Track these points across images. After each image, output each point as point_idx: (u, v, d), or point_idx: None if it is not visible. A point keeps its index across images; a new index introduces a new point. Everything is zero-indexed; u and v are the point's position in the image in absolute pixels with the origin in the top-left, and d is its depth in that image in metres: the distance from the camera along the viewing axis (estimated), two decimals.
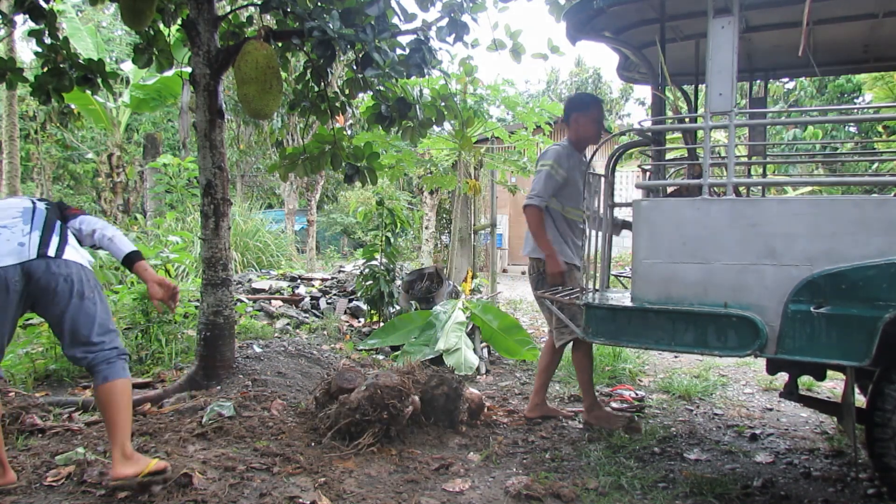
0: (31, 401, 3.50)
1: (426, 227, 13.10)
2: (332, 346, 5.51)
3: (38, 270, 2.40)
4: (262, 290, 7.37)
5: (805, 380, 4.12)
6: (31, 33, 4.17)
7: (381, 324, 6.15)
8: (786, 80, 15.12)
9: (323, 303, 7.04)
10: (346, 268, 9.38)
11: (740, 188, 3.40)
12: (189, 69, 3.89)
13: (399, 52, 3.82)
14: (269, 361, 4.24)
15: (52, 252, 2.46)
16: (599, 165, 3.88)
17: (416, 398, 3.20)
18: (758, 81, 4.19)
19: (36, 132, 14.76)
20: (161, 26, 4.31)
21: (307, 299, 7.04)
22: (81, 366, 2.52)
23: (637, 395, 4.30)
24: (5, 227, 2.44)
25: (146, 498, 2.46)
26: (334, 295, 7.36)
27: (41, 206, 2.63)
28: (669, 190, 3.23)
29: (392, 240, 6.47)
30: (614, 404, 4.08)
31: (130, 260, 2.69)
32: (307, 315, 6.63)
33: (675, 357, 5.49)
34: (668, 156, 4.23)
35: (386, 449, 3.02)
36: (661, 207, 2.73)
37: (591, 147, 3.71)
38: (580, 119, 3.64)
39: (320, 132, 4.42)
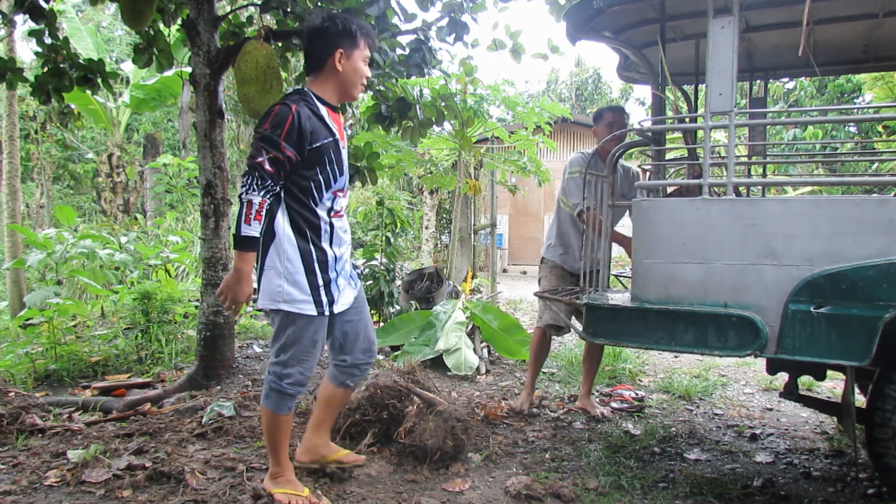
0: (31, 401, 3.50)
1: (426, 227, 13.11)
2: None
3: None
4: None
5: (805, 380, 4.12)
6: (31, 33, 4.17)
7: (381, 324, 6.15)
8: (786, 80, 15.13)
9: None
10: None
11: (740, 188, 3.39)
12: (189, 69, 3.89)
13: (399, 52, 3.82)
14: None
15: None
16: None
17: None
18: (758, 81, 4.19)
19: (36, 132, 14.75)
20: (161, 26, 4.31)
21: None
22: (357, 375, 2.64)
23: (637, 395, 4.30)
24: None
25: (145, 498, 2.46)
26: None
27: None
28: (669, 190, 3.23)
29: (392, 240, 6.47)
30: (614, 404, 4.08)
31: None
32: None
33: (675, 357, 5.49)
34: (668, 156, 4.23)
35: (386, 449, 3.02)
36: (661, 207, 2.73)
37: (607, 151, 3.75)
38: (598, 131, 3.79)
39: None
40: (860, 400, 3.04)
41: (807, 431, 3.61)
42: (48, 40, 4.12)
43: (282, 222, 2.31)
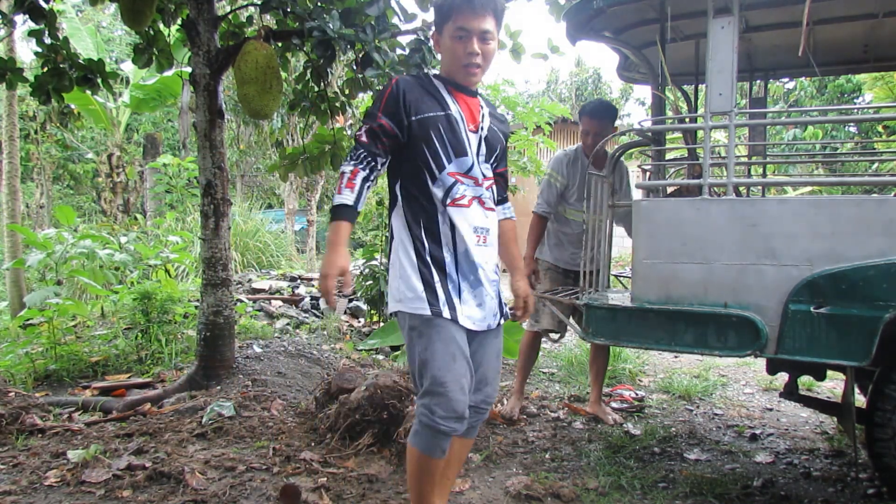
0: (31, 401, 3.50)
1: None
2: (332, 346, 5.51)
3: None
4: (262, 290, 7.36)
5: (805, 380, 4.12)
6: (31, 33, 4.17)
7: (381, 324, 6.15)
8: (786, 80, 15.12)
9: (323, 303, 7.04)
10: None
11: (740, 188, 3.40)
12: (189, 69, 3.89)
13: (399, 52, 3.82)
14: (269, 361, 4.24)
15: None
16: None
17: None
18: (758, 81, 4.19)
19: (36, 132, 14.74)
20: (161, 26, 4.31)
21: (307, 299, 7.04)
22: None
23: (637, 395, 4.30)
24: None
25: (145, 498, 2.46)
26: (334, 295, 7.34)
27: None
28: (669, 190, 3.23)
29: None
30: (614, 404, 4.08)
31: None
32: (307, 315, 6.63)
33: (675, 357, 5.49)
34: (669, 156, 4.23)
35: (386, 449, 3.02)
36: (661, 207, 2.73)
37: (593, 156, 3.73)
38: (580, 129, 3.74)
39: (320, 132, 4.42)
40: (860, 400, 3.04)
41: (807, 431, 3.61)
42: (48, 40, 4.12)
43: (399, 212, 2.10)
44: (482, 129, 2.15)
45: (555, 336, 3.78)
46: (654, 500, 2.66)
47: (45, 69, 4.18)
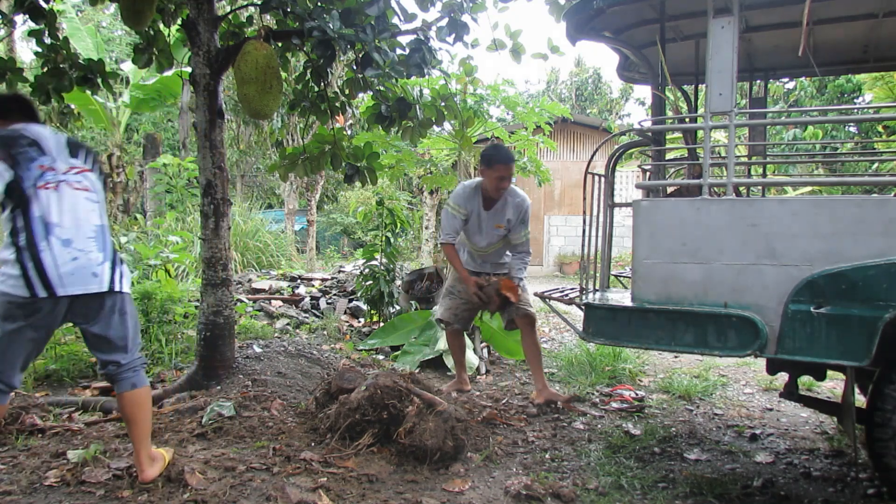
0: (31, 401, 3.50)
1: (426, 227, 13.09)
2: (332, 346, 5.51)
3: (97, 301, 2.44)
4: (262, 290, 7.36)
5: (805, 380, 4.12)
6: (31, 33, 4.17)
7: (381, 324, 6.15)
8: (786, 80, 15.12)
9: (323, 303, 7.04)
10: (346, 268, 9.38)
11: (740, 188, 3.40)
12: (189, 69, 3.89)
13: (399, 52, 3.82)
14: (269, 361, 4.24)
15: (117, 287, 2.49)
16: (600, 165, 3.89)
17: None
18: (758, 81, 4.19)
19: None
20: (161, 26, 4.31)
21: (307, 299, 7.04)
22: (110, 373, 2.55)
23: (637, 395, 4.30)
24: (82, 252, 2.40)
25: (146, 498, 2.46)
26: (334, 295, 7.35)
27: (106, 222, 2.61)
28: (669, 190, 3.23)
29: (392, 240, 6.46)
30: (614, 404, 4.08)
31: None
32: (307, 315, 6.63)
33: (675, 357, 5.49)
34: (668, 156, 4.23)
35: (386, 449, 3.02)
36: (661, 207, 2.73)
37: (496, 197, 4.03)
38: (485, 173, 3.95)
39: (320, 132, 4.42)
40: (860, 400, 3.04)
41: (807, 431, 3.61)
42: (48, 40, 4.12)
43: None
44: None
45: (443, 327, 4.38)
46: (654, 500, 2.66)
47: (45, 69, 4.18)
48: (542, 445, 3.32)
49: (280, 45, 4.20)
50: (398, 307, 6.41)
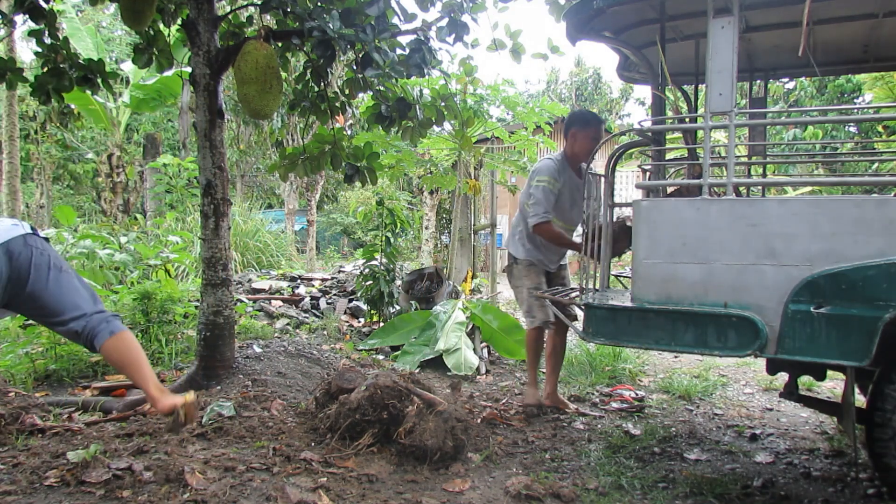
0: (31, 401, 3.50)
1: (426, 227, 13.10)
2: (332, 346, 5.51)
3: (18, 245, 2.37)
4: (262, 290, 7.37)
5: (805, 380, 4.12)
6: (31, 33, 4.17)
7: (381, 324, 6.15)
8: (786, 80, 15.12)
9: (323, 303, 7.04)
10: (346, 268, 9.38)
11: (740, 188, 3.40)
12: (189, 69, 3.89)
13: (399, 52, 3.82)
14: (269, 361, 4.24)
15: (30, 231, 2.46)
16: (599, 165, 3.89)
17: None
18: (758, 81, 4.19)
19: (36, 132, 14.76)
20: (161, 26, 4.31)
21: (307, 299, 7.04)
22: (81, 338, 2.48)
23: (637, 395, 4.30)
24: None
25: (146, 498, 2.46)
26: (334, 295, 7.36)
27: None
28: (669, 190, 3.23)
29: (392, 240, 6.47)
30: (614, 404, 4.08)
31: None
32: (307, 315, 6.63)
33: (675, 357, 5.49)
34: (668, 156, 4.23)
35: (386, 449, 3.02)
36: (661, 207, 2.73)
37: (583, 163, 3.82)
38: (578, 135, 3.77)
39: (320, 132, 4.42)
40: (860, 400, 3.04)
41: (807, 431, 3.61)
42: (48, 40, 4.12)
43: None
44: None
45: (552, 327, 3.93)
46: (654, 500, 2.66)
47: (45, 69, 4.18)
48: (542, 445, 3.32)
49: (280, 45, 4.20)
50: (398, 307, 6.41)
